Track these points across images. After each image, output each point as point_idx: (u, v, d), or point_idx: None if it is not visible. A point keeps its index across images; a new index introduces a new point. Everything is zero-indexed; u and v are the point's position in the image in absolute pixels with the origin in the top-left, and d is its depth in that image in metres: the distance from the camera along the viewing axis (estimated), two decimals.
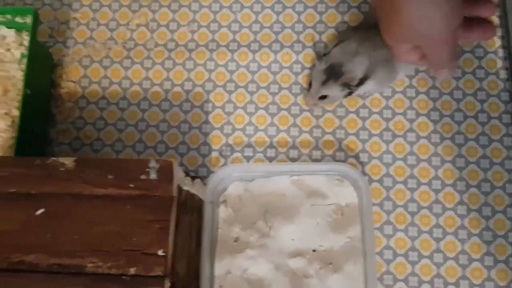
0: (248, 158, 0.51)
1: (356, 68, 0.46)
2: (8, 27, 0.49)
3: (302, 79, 0.52)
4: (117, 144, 0.52)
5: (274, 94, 0.52)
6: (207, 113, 0.52)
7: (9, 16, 0.49)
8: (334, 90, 0.47)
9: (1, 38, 0.49)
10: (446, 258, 0.47)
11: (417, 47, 0.41)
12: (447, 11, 0.37)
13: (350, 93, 0.48)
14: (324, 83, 0.47)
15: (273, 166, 0.50)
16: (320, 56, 0.49)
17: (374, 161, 0.50)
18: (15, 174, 0.38)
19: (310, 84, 0.49)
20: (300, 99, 0.52)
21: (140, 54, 0.54)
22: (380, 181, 0.49)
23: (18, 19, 0.49)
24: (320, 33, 0.53)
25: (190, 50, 0.54)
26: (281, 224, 0.47)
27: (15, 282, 0.36)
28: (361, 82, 0.47)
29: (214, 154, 0.51)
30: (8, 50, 0.49)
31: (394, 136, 0.50)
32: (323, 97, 0.48)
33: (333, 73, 0.47)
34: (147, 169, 0.37)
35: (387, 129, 0.51)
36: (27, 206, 0.37)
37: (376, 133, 0.51)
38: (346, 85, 0.47)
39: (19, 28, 0.49)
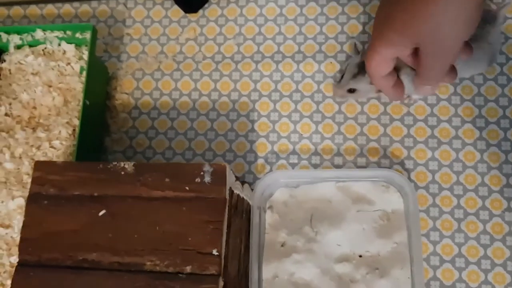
0: (293, 165, 0.52)
1: None
2: (68, 43, 0.53)
3: None
4: (167, 152, 0.54)
5: (318, 103, 0.54)
6: (253, 121, 0.54)
7: (69, 32, 0.52)
8: (362, 85, 0.48)
9: (62, 52, 0.53)
10: (494, 265, 0.47)
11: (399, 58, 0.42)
12: (470, 16, 0.38)
13: (379, 91, 0.49)
14: (355, 76, 0.48)
15: (318, 172, 0.51)
16: (358, 50, 0.50)
17: (420, 168, 0.50)
18: (80, 178, 0.40)
19: (342, 76, 0.50)
20: (344, 107, 0.53)
21: (189, 66, 0.56)
22: (426, 187, 0.50)
23: (78, 35, 0.52)
24: (363, 43, 0.54)
25: (236, 62, 0.56)
26: (327, 230, 0.48)
27: (79, 279, 0.38)
28: None
29: (260, 161, 0.53)
30: (69, 64, 0.52)
31: (440, 143, 0.51)
32: (352, 91, 0.49)
33: (364, 68, 0.48)
34: (202, 173, 0.39)
35: (432, 136, 0.51)
36: (91, 207, 0.39)
37: (421, 140, 0.51)
38: None
39: (78, 44, 0.53)
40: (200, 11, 0.58)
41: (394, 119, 0.52)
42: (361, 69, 0.48)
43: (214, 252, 0.37)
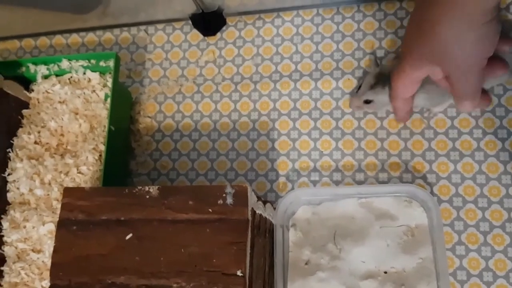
0: (314, 183, 0.53)
1: None
2: (93, 71, 0.55)
3: None
4: (190, 173, 0.55)
5: (337, 120, 0.54)
6: (273, 140, 0.55)
7: (93, 61, 0.54)
8: (380, 96, 0.48)
9: (87, 80, 0.55)
10: None
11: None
12: (480, 34, 0.37)
13: None
14: (372, 87, 0.48)
15: (340, 189, 0.51)
16: (377, 62, 0.50)
17: (442, 181, 0.50)
18: (107, 203, 0.42)
19: (359, 88, 0.50)
20: (364, 123, 0.53)
21: (209, 88, 0.58)
22: (450, 201, 0.49)
23: (102, 63, 0.54)
24: (380, 59, 0.55)
25: (255, 82, 0.57)
26: (351, 246, 0.48)
27: None
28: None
29: (282, 179, 0.53)
30: (94, 91, 0.54)
31: (462, 155, 0.50)
32: (369, 101, 0.49)
33: (383, 80, 0.48)
34: (224, 194, 0.40)
35: (453, 149, 0.51)
36: (118, 231, 0.41)
37: (442, 153, 0.51)
38: None
39: (102, 71, 0.55)
40: (218, 34, 0.59)
41: (414, 133, 0.52)
42: (379, 81, 0.48)
43: (239, 273, 0.38)
